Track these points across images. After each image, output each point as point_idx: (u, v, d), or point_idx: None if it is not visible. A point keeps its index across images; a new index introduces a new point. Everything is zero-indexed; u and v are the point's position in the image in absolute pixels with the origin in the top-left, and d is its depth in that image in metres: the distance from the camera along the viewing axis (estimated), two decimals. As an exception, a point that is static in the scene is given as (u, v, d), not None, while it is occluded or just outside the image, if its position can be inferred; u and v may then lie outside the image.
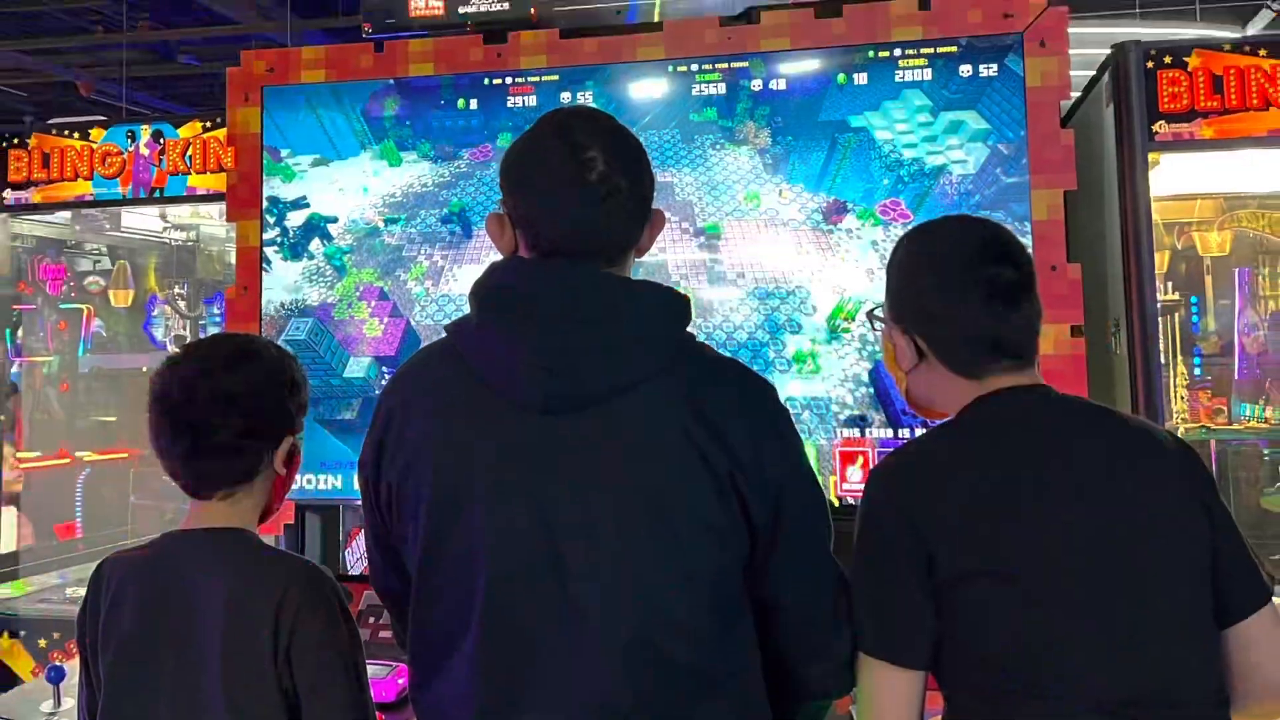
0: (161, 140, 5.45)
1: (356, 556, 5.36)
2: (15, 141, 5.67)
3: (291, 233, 4.93)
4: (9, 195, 5.67)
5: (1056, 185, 4.29)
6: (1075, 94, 4.68)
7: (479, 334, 2.40)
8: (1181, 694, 2.34)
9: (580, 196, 2.33)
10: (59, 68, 15.78)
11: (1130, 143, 4.40)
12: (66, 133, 5.63)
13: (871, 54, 4.52)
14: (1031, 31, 4.34)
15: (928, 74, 4.47)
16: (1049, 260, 4.21)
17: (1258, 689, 2.44)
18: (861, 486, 3.14)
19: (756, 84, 4.60)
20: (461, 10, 5.02)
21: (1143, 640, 2.33)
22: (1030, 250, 3.70)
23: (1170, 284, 6.00)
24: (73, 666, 3.58)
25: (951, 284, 2.57)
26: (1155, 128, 4.37)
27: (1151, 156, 4.39)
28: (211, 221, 6.67)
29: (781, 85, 4.59)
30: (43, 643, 5.37)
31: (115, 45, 14.86)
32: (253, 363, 2.82)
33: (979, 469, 2.46)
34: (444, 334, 2.50)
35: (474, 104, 4.81)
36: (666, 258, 4.59)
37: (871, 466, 4.13)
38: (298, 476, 2.99)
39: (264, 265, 4.94)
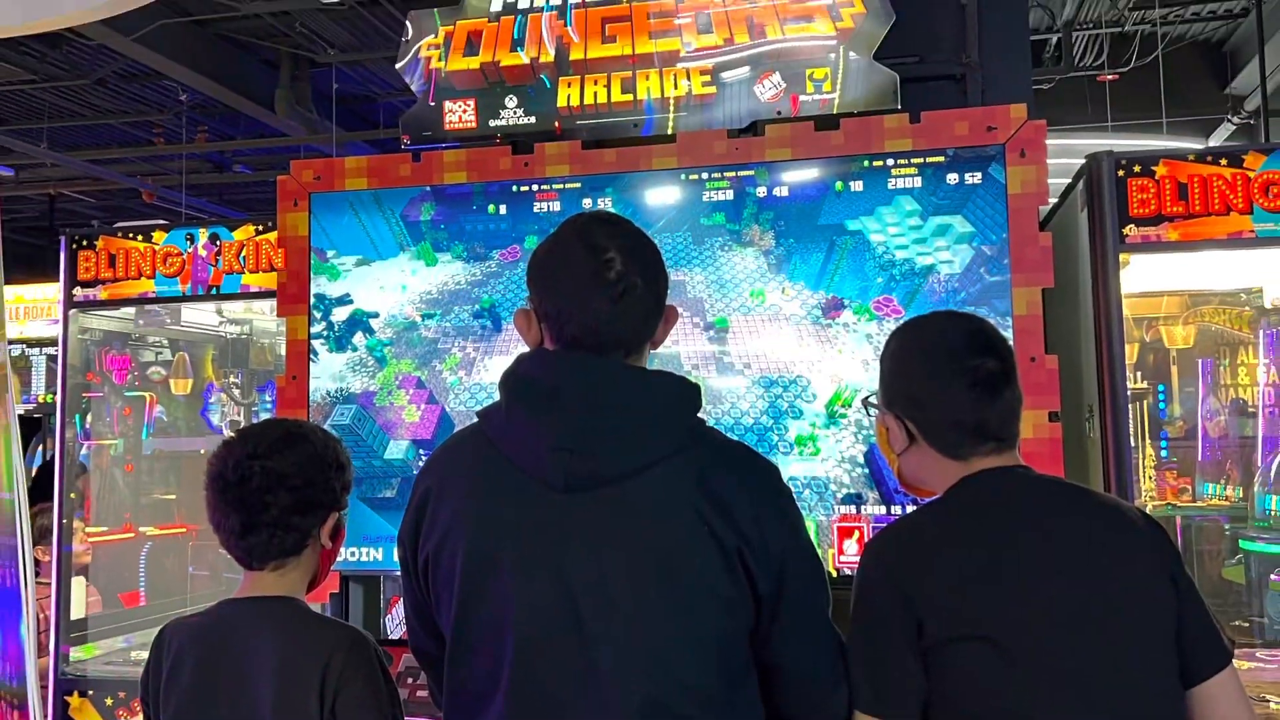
0: (218, 242, 5.49)
1: (396, 622, 5.36)
2: (84, 244, 5.70)
3: (337, 327, 4.96)
4: (79, 293, 5.70)
5: (1035, 283, 4.31)
6: (1053, 200, 4.69)
7: (508, 420, 2.42)
8: (1153, 750, 2.37)
9: (600, 294, 2.36)
10: (124, 176, 15.94)
11: (1103, 245, 4.41)
12: (131, 235, 5.66)
13: (866, 163, 4.54)
14: (1013, 143, 4.37)
15: (918, 181, 4.49)
16: (1029, 352, 4.23)
17: None
18: (857, 559, 3.15)
19: (761, 190, 4.63)
20: (492, 123, 5.07)
21: (1117, 704, 2.34)
22: (1011, 343, 3.71)
23: (1139, 373, 6.02)
24: (136, 723, 3.59)
25: (939, 373, 2.60)
26: (1126, 231, 4.39)
27: (1122, 257, 4.41)
28: (263, 316, 6.68)
29: (784, 192, 4.62)
30: (109, 701, 5.37)
31: (175, 156, 15.04)
32: (301, 446, 2.85)
33: (965, 546, 2.48)
34: (476, 419, 2.53)
35: (503, 209, 4.85)
36: (679, 349, 4.61)
37: (866, 541, 4.13)
38: (342, 549, 3.01)
39: (312, 356, 4.97)
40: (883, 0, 4.71)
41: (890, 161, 4.52)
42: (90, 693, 5.44)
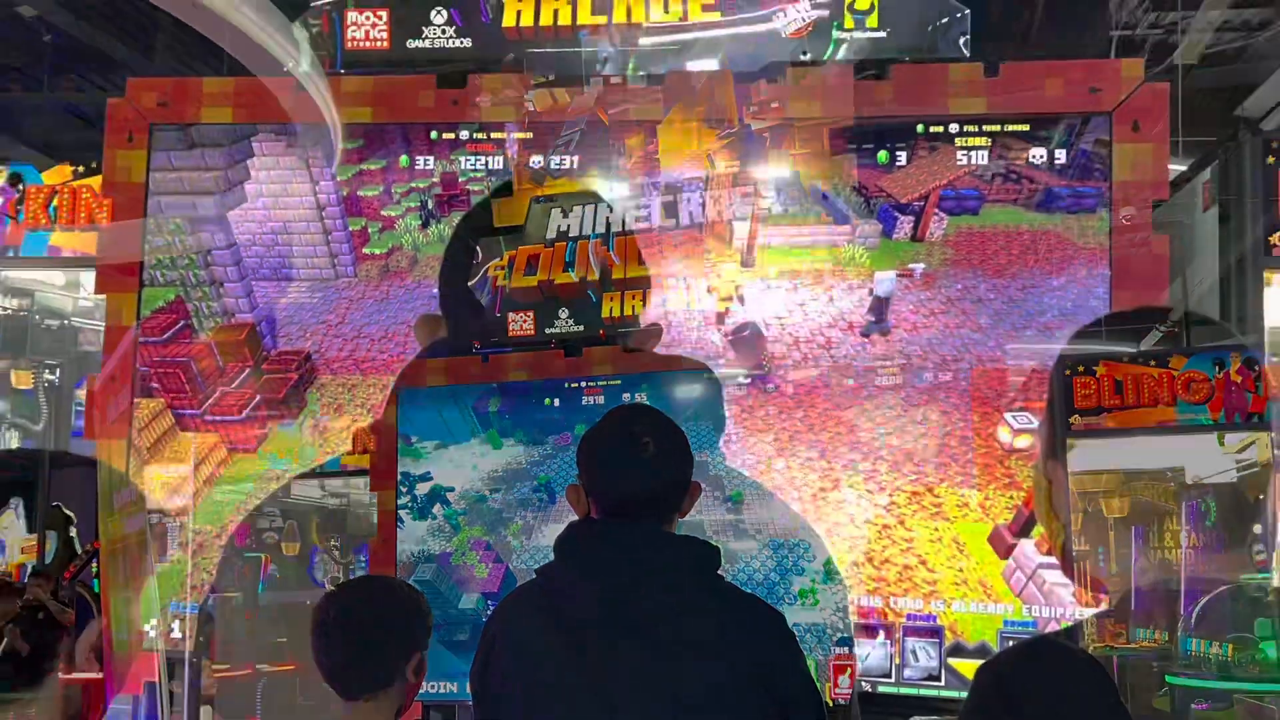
0: (319, 418, 5.56)
1: (469, 744, 5.33)
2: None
3: (419, 499, 5.00)
4: (204, 470, 5.76)
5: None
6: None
7: (561, 575, 2.47)
8: None
9: (637, 473, 2.41)
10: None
11: (1054, 432, 4.46)
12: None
13: (850, 381, 4.60)
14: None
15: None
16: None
17: None
18: (849, 691, 3.15)
19: (770, 387, 4.68)
20: (547, 331, 5.15)
21: None
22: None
23: (1083, 538, 6.01)
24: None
25: None
26: (1071, 420, 4.43)
27: (1069, 441, 4.44)
28: (359, 491, 6.72)
29: (790, 390, 4.67)
30: (234, 815, 5.36)
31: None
32: (390, 597, 2.87)
33: None
34: (535, 576, 2.57)
35: (557, 402, 4.90)
36: (703, 518, 4.63)
37: (858, 677, 4.12)
38: (425, 683, 3.02)
39: (399, 523, 5.00)
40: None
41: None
42: (216, 803, 5.42)
